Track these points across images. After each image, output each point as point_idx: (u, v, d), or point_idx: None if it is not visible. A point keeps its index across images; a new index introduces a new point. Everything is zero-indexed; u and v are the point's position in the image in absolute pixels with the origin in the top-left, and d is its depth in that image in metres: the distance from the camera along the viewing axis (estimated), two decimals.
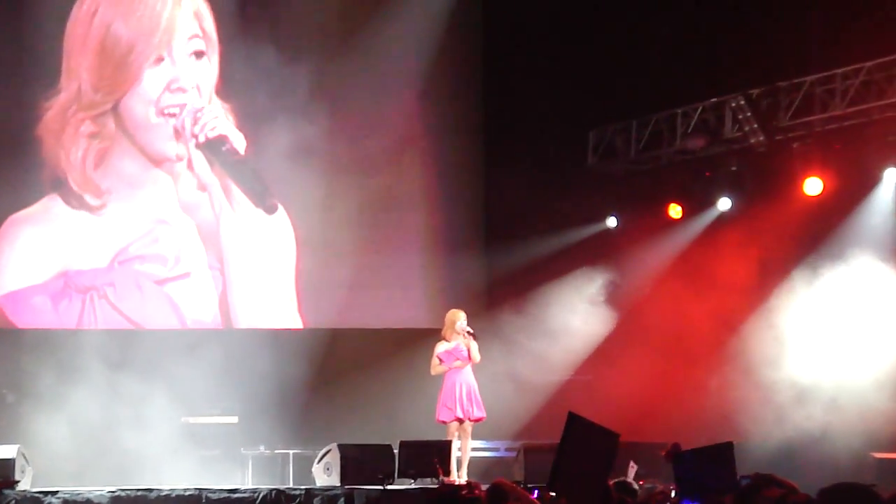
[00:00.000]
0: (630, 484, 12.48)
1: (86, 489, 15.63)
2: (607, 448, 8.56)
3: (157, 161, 19.81)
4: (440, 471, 16.29)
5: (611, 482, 9.33)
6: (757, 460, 14.18)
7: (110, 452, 17.54)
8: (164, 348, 18.91)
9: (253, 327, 20.14)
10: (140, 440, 17.78)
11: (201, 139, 19.64)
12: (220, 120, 19.75)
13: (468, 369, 16.93)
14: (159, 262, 19.80)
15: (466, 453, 16.93)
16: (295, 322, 20.37)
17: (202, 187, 19.82)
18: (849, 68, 18.23)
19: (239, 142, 19.77)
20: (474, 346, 16.85)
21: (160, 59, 19.67)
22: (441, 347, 16.99)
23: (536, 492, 12.40)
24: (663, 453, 9.01)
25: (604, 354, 20.86)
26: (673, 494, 10.08)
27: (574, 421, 8.45)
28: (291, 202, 20.09)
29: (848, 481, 6.98)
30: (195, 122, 19.65)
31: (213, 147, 19.64)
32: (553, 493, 8.79)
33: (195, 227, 19.93)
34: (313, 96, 20.14)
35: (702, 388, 19.46)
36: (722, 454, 8.72)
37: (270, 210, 19.84)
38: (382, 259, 20.89)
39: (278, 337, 19.95)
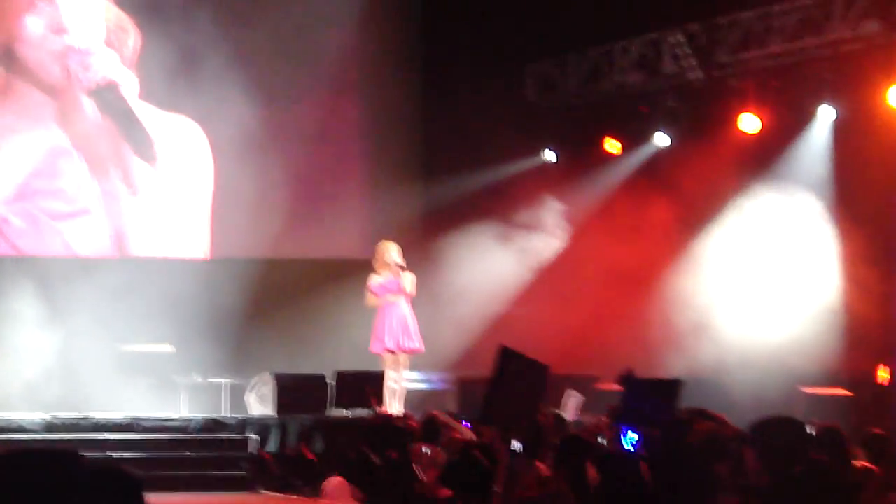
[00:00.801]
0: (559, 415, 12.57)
1: (19, 415, 15.58)
2: (537, 380, 8.62)
3: (53, 97, 19.66)
4: (374, 401, 16.35)
5: (544, 413, 9.40)
6: (688, 394, 14.32)
7: (45, 380, 17.45)
8: (100, 278, 18.79)
9: (185, 257, 20.07)
10: (75, 368, 17.71)
11: (91, 85, 19.52)
12: (111, 64, 19.62)
13: (402, 302, 16.95)
14: (62, 197, 19.66)
15: (401, 384, 16.99)
16: (229, 252, 20.30)
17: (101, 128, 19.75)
18: (787, 5, 18.28)
19: (129, 87, 19.65)
20: (408, 279, 16.86)
21: (39, 3, 19.49)
22: (374, 280, 17.01)
23: (468, 424, 12.51)
24: (618, 377, 9.06)
25: (540, 288, 20.93)
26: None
27: (505, 354, 8.50)
28: (223, 130, 19.93)
29: (778, 414, 7.07)
30: (85, 67, 19.50)
31: (103, 93, 19.55)
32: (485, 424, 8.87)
33: (101, 159, 19.81)
34: (245, 25, 20.01)
35: (637, 322, 19.60)
36: (669, 389, 8.80)
37: (151, 160, 19.79)
38: (319, 190, 20.84)
39: (214, 266, 19.89)
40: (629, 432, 7.93)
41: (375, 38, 21.01)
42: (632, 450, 7.77)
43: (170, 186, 20.19)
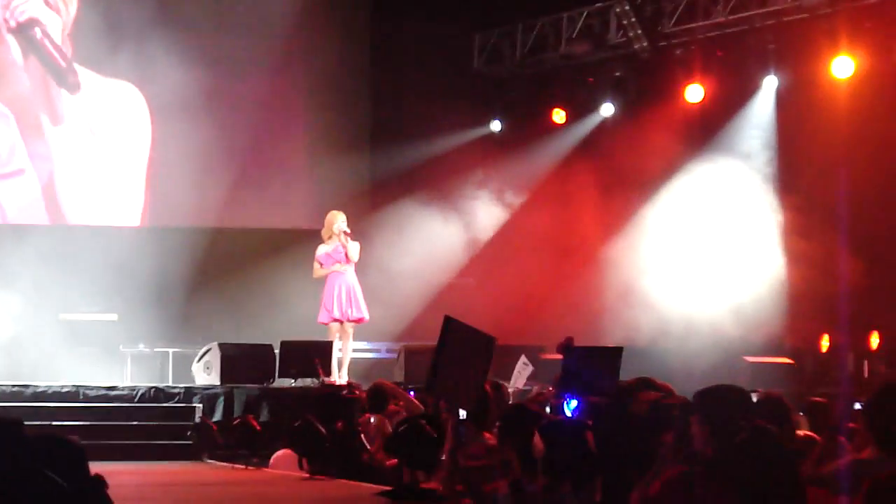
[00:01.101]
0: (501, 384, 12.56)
1: None
2: (484, 351, 8.61)
3: None
4: (321, 371, 16.35)
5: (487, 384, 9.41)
6: (632, 363, 14.40)
7: None
8: (42, 245, 18.66)
9: (129, 225, 19.98)
10: (17, 337, 17.59)
11: (12, 24, 19.37)
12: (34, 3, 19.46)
13: (350, 271, 16.94)
14: None
15: (347, 354, 16.99)
16: (175, 221, 20.20)
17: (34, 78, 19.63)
18: None
19: (53, 27, 19.49)
20: (353, 246, 16.85)
21: None
22: (321, 250, 16.99)
23: (413, 392, 12.53)
24: (558, 346, 9.08)
25: (486, 257, 20.97)
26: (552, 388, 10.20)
27: (450, 324, 8.50)
28: (168, 98, 19.78)
29: (723, 383, 7.11)
30: (5, 5, 19.36)
31: (26, 31, 19.40)
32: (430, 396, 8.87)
33: (42, 120, 19.67)
34: None
35: (581, 291, 19.67)
36: (610, 357, 8.83)
37: (74, 89, 19.59)
38: (265, 159, 20.76)
39: (159, 235, 19.78)
40: (570, 400, 7.96)
41: (321, 6, 20.92)
42: (572, 417, 7.80)
43: (110, 154, 20.04)
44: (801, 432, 8.11)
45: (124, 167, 20.24)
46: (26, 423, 4.48)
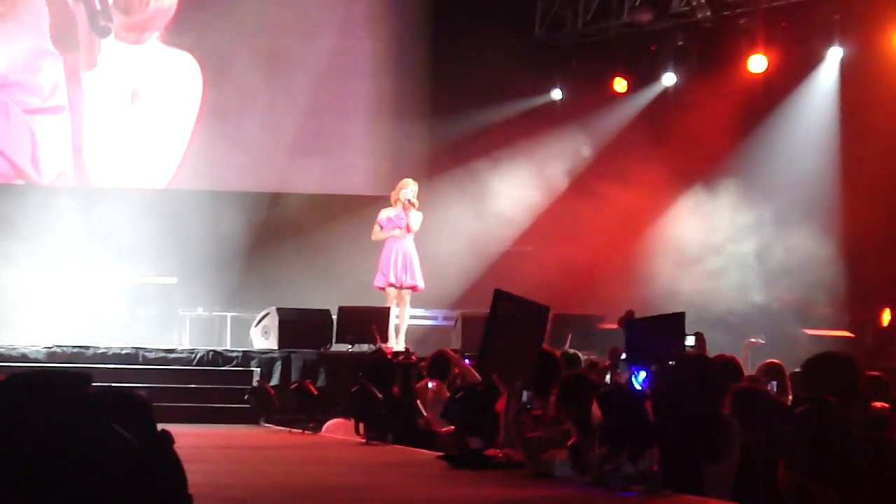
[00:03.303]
0: (575, 354, 12.58)
1: (21, 344, 15.61)
2: (538, 322, 8.57)
3: None
4: (378, 337, 16.38)
5: (557, 353, 9.38)
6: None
7: (47, 309, 17.46)
8: (105, 207, 18.78)
9: (192, 188, 20.06)
10: (78, 298, 17.71)
11: None
12: None
13: (409, 238, 16.97)
14: (37, 93, 19.71)
15: (404, 321, 17.03)
16: (235, 185, 20.28)
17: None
18: None
19: None
20: (415, 216, 16.86)
21: None
22: (383, 214, 17.03)
23: (469, 360, 12.53)
24: (619, 321, 9.06)
25: (544, 226, 20.92)
26: (623, 356, 10.17)
27: (501, 297, 8.45)
28: (229, 63, 19.87)
29: (829, 351, 7.12)
30: None
31: None
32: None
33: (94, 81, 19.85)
34: None
35: (639, 261, 19.61)
36: (673, 323, 8.78)
37: (103, 33, 19.61)
38: (326, 124, 20.79)
39: (220, 199, 19.85)
40: (639, 372, 7.92)
41: None
42: (640, 388, 7.77)
43: (168, 119, 20.15)
44: (878, 404, 8.05)
45: (171, 128, 20.30)
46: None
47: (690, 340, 12.99)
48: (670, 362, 7.78)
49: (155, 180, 20.11)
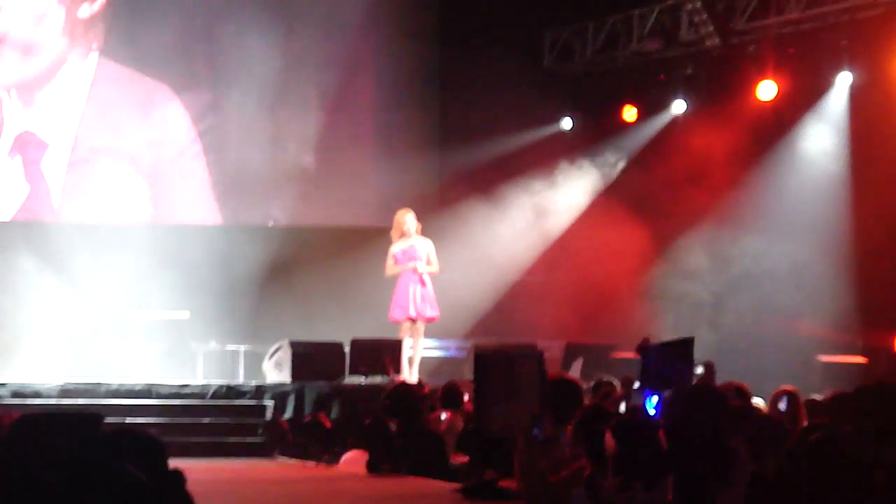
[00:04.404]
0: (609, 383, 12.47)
1: (34, 381, 15.62)
2: (532, 366, 8.49)
3: None
4: (391, 369, 16.36)
5: (580, 382, 9.32)
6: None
7: (60, 345, 17.47)
8: (115, 243, 18.82)
9: (201, 223, 20.09)
10: (90, 334, 17.73)
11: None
12: None
13: (423, 269, 16.98)
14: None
15: (418, 352, 17.00)
16: (245, 219, 20.33)
17: None
18: None
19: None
20: (424, 245, 16.89)
21: None
22: (396, 247, 17.00)
23: None
24: (636, 347, 9.05)
25: (555, 256, 20.92)
26: (636, 385, 10.16)
27: (482, 362, 8.39)
28: (239, 96, 19.94)
29: (882, 381, 7.07)
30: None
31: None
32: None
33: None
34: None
35: (652, 291, 19.61)
36: (682, 349, 8.78)
37: None
38: (336, 156, 20.82)
39: (231, 232, 19.89)
40: (651, 397, 7.92)
41: (391, 4, 20.94)
42: (654, 413, 7.76)
43: (178, 155, 20.22)
44: None
45: (196, 168, 20.40)
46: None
47: (700, 369, 12.99)
48: (677, 389, 7.78)
49: (166, 215, 20.13)
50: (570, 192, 20.94)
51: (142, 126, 20.07)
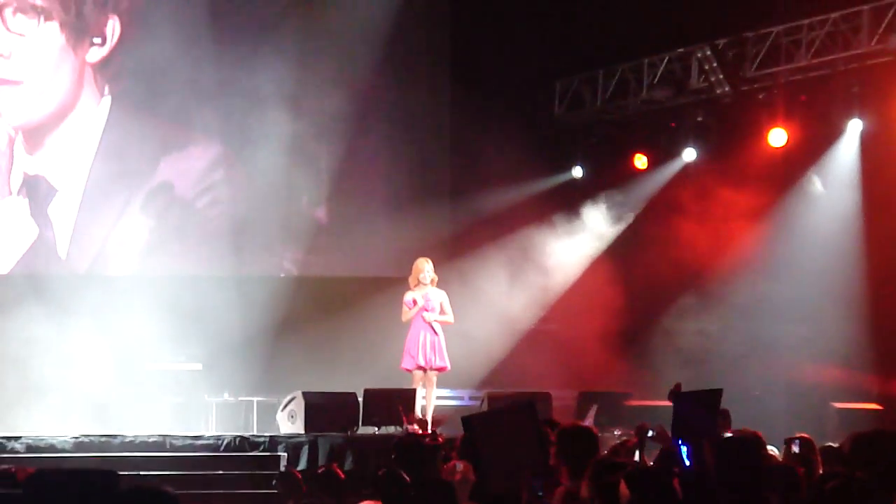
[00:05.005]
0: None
1: (49, 434, 15.61)
2: (527, 419, 8.39)
3: None
4: (405, 419, 16.34)
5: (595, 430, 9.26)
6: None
7: (74, 399, 17.48)
8: (126, 295, 18.83)
9: (216, 274, 20.10)
10: (102, 386, 17.74)
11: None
12: None
13: (435, 319, 16.99)
14: None
15: (431, 402, 17.00)
16: (257, 270, 20.35)
17: None
18: (815, 19, 18.25)
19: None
20: (438, 296, 16.92)
21: None
22: (409, 296, 17.06)
23: None
24: (669, 394, 9.00)
25: (568, 303, 20.91)
26: (650, 434, 10.11)
27: (471, 425, 8.32)
28: (250, 146, 19.99)
29: (875, 429, 7.04)
30: None
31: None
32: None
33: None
34: (278, 47, 20.03)
35: (669, 338, 19.58)
36: (711, 399, 8.75)
37: None
38: (347, 207, 20.86)
39: (243, 283, 19.90)
40: (683, 447, 7.90)
41: (403, 55, 21.02)
42: (687, 463, 7.74)
43: (189, 204, 20.28)
44: None
45: (212, 218, 20.43)
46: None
47: None
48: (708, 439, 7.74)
49: (177, 267, 20.12)
50: (581, 241, 20.94)
51: (154, 173, 20.09)
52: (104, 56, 19.84)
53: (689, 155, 20.35)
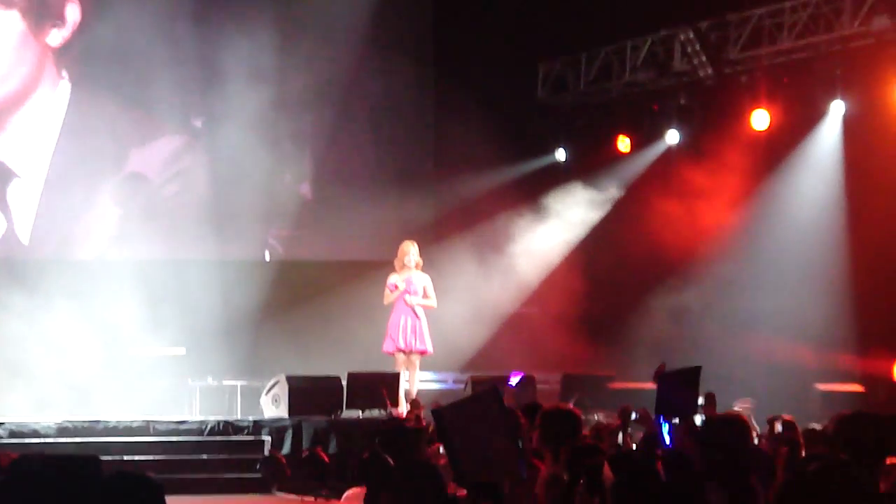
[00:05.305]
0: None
1: (32, 420, 15.59)
2: (494, 408, 8.37)
3: None
4: (388, 402, 16.35)
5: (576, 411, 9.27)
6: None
7: (57, 385, 17.43)
8: (110, 280, 18.78)
9: (196, 258, 20.02)
10: (86, 372, 17.69)
11: None
12: None
13: (416, 303, 16.99)
14: None
15: (414, 385, 17.01)
16: (240, 254, 20.30)
17: None
18: (797, 1, 18.27)
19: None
20: (422, 280, 16.93)
21: None
22: (392, 279, 17.06)
23: None
24: (654, 375, 9.04)
25: (551, 286, 20.92)
26: (634, 417, 10.15)
27: (441, 416, 8.32)
28: (231, 133, 19.89)
29: (860, 411, 7.05)
30: None
31: None
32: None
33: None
34: (261, 26, 19.93)
35: (651, 319, 19.62)
36: (691, 378, 8.79)
37: None
38: (331, 186, 20.83)
39: (226, 268, 19.85)
40: (664, 424, 7.94)
41: (385, 38, 20.97)
42: (668, 441, 7.77)
43: (171, 194, 20.16)
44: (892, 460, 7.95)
45: (192, 204, 20.32)
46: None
47: (700, 399, 12.94)
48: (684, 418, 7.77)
49: (159, 251, 20.02)
50: (565, 223, 20.95)
51: (123, 158, 19.91)
52: (65, 39, 19.57)
53: (672, 137, 20.37)
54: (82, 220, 19.87)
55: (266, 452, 15.51)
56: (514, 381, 16.69)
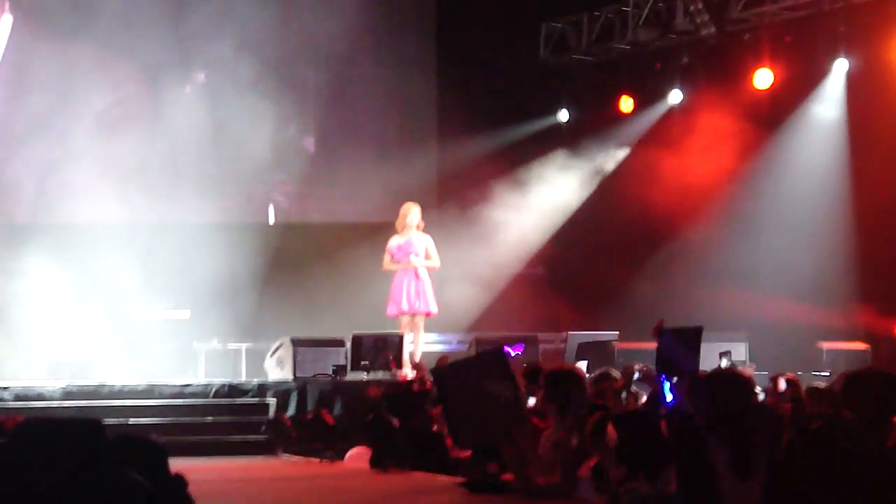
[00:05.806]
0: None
1: (37, 384, 15.61)
2: (499, 368, 8.37)
3: None
4: (393, 364, 16.37)
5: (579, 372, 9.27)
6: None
7: (62, 348, 17.46)
8: (115, 243, 18.76)
9: (200, 222, 19.97)
10: (92, 335, 17.71)
11: None
12: None
13: (420, 264, 16.98)
14: None
15: (418, 347, 17.01)
16: (244, 217, 20.28)
17: None
18: None
19: None
20: (424, 241, 16.91)
21: None
22: (393, 242, 17.02)
23: None
24: (652, 331, 9.06)
25: (555, 247, 20.93)
26: (636, 376, 10.18)
27: (442, 375, 8.33)
28: (234, 91, 19.81)
29: (872, 368, 7.04)
30: None
31: None
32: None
33: None
34: None
35: (656, 279, 19.63)
36: (693, 336, 8.80)
37: None
38: (334, 152, 20.81)
39: (230, 230, 19.83)
40: (665, 382, 7.96)
41: (389, 1, 20.93)
42: (670, 398, 7.78)
43: (178, 155, 20.04)
44: None
45: (197, 166, 20.21)
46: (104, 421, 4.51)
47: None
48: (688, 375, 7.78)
49: (166, 213, 19.94)
50: (568, 184, 20.93)
51: (89, 104, 19.51)
52: None
53: (676, 97, 20.33)
54: (49, 179, 19.55)
55: (271, 415, 15.54)
56: (514, 353, 16.67)
